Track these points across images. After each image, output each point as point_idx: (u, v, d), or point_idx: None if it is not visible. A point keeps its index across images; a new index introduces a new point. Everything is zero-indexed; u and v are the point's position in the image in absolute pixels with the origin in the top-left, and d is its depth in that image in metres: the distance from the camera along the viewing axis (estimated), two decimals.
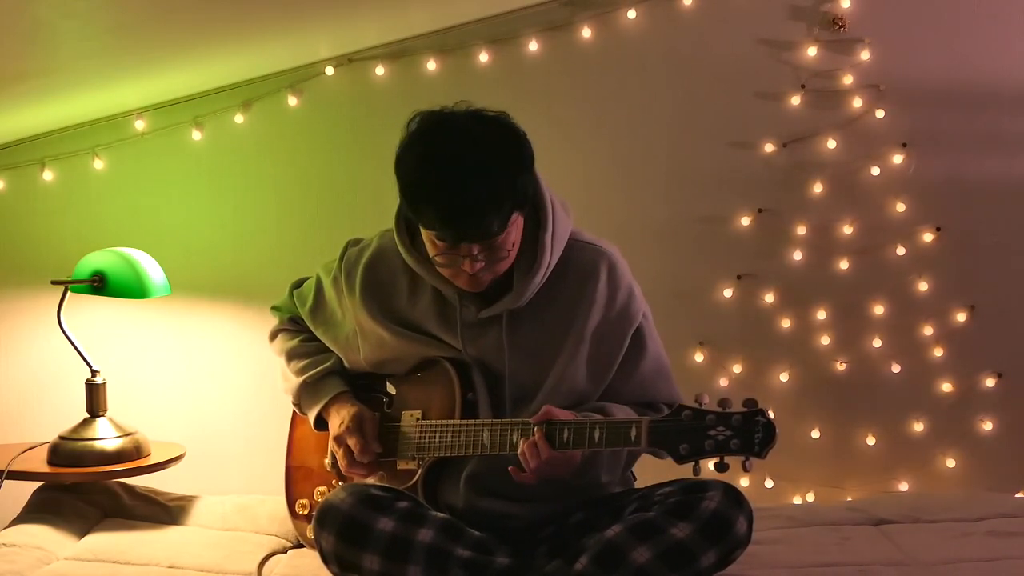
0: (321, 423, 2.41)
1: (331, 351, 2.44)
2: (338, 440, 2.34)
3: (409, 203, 2.11)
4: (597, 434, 2.07)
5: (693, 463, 2.00)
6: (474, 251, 2.10)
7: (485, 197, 2.04)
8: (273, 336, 2.54)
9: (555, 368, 2.24)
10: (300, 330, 2.50)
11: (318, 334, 2.46)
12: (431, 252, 2.16)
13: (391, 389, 2.46)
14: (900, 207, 3.17)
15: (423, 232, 2.16)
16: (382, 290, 2.33)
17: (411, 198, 2.10)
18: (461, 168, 2.05)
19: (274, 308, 2.56)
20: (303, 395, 2.43)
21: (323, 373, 2.41)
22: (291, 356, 2.46)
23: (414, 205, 2.10)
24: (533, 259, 2.20)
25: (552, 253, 2.21)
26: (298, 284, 2.54)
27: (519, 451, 2.12)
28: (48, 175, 3.18)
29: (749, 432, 1.95)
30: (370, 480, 2.33)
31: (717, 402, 1.99)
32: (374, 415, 2.36)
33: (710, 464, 1.98)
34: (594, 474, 2.24)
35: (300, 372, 2.43)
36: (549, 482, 2.16)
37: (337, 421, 2.35)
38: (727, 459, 1.97)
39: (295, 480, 2.52)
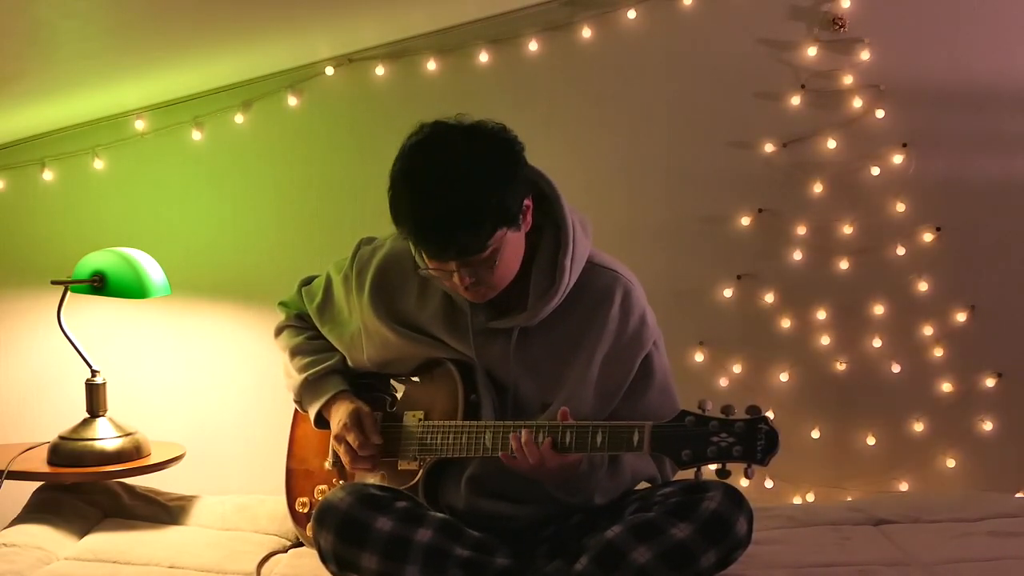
0: (321, 421, 2.41)
1: (335, 349, 2.44)
2: (338, 438, 2.34)
3: (392, 218, 2.11)
4: (600, 438, 2.07)
5: (695, 469, 2.00)
6: (456, 267, 2.10)
7: (457, 215, 2.04)
8: (278, 332, 2.54)
9: (562, 391, 2.23)
10: (306, 327, 2.50)
11: (324, 332, 2.46)
12: (424, 265, 2.17)
13: (395, 389, 2.46)
14: (900, 207, 3.17)
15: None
16: (392, 292, 2.32)
17: (392, 214, 2.10)
18: (434, 186, 2.05)
19: (281, 304, 2.56)
20: (304, 392, 2.43)
21: (325, 371, 2.41)
22: (295, 353, 2.46)
23: (395, 221, 2.11)
24: (551, 281, 2.19)
25: (571, 276, 2.20)
26: (307, 281, 2.54)
27: (513, 448, 2.13)
28: (48, 175, 3.18)
29: (752, 439, 1.95)
30: (371, 479, 2.33)
31: (720, 408, 1.99)
32: (372, 411, 2.36)
33: (711, 469, 1.99)
34: (587, 494, 2.24)
35: (303, 369, 2.43)
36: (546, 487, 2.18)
37: (336, 420, 2.35)
38: (729, 466, 1.97)
39: (296, 479, 2.52)
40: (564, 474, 2.16)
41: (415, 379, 2.39)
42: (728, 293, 3.19)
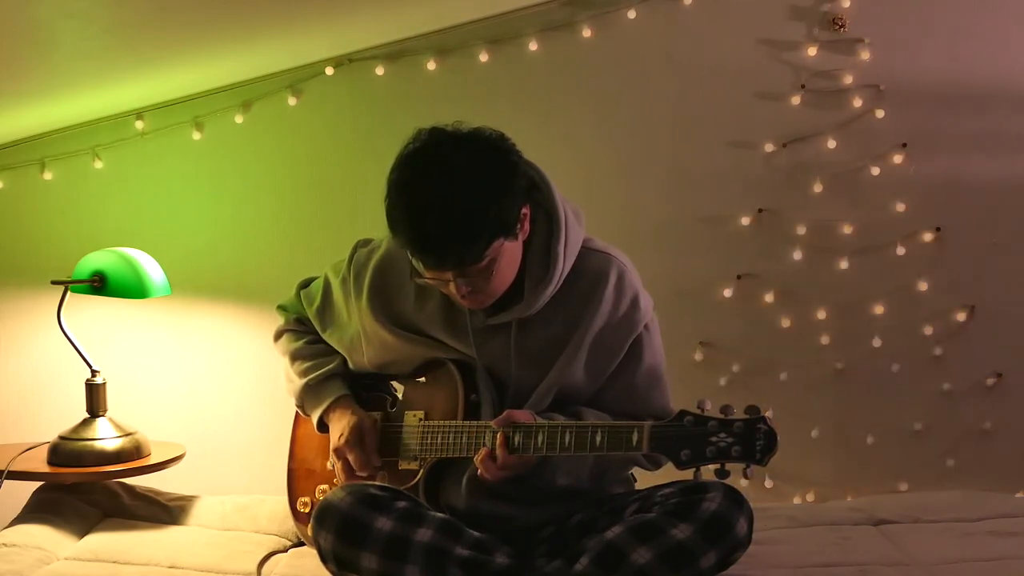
0: (323, 426, 2.42)
1: (335, 353, 2.45)
2: (338, 453, 2.35)
3: (389, 228, 2.12)
4: (599, 438, 2.07)
5: (694, 469, 2.00)
6: (453, 276, 2.11)
7: (453, 227, 2.04)
8: (278, 336, 2.54)
9: (553, 371, 2.24)
10: (305, 331, 2.51)
11: (324, 335, 2.46)
12: (421, 274, 2.17)
13: (395, 389, 2.46)
14: (900, 207, 3.17)
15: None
16: (389, 293, 2.33)
17: (389, 223, 2.11)
18: (430, 198, 2.05)
19: (280, 307, 2.57)
20: (306, 397, 2.43)
21: (326, 375, 2.41)
22: (295, 357, 2.47)
23: (391, 231, 2.11)
24: (545, 270, 2.19)
25: (564, 264, 2.20)
26: (305, 284, 2.54)
27: (480, 457, 2.15)
28: (48, 175, 3.18)
29: (751, 439, 1.95)
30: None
31: (719, 408, 1.99)
32: (374, 424, 2.36)
33: (711, 469, 1.99)
34: (548, 477, 2.24)
35: (303, 374, 2.43)
36: (538, 486, 2.21)
37: (337, 432, 2.36)
38: (728, 466, 1.97)
39: (297, 478, 2.52)
40: (523, 468, 2.18)
41: (420, 379, 2.38)
42: (728, 293, 3.18)
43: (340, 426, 2.35)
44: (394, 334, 2.31)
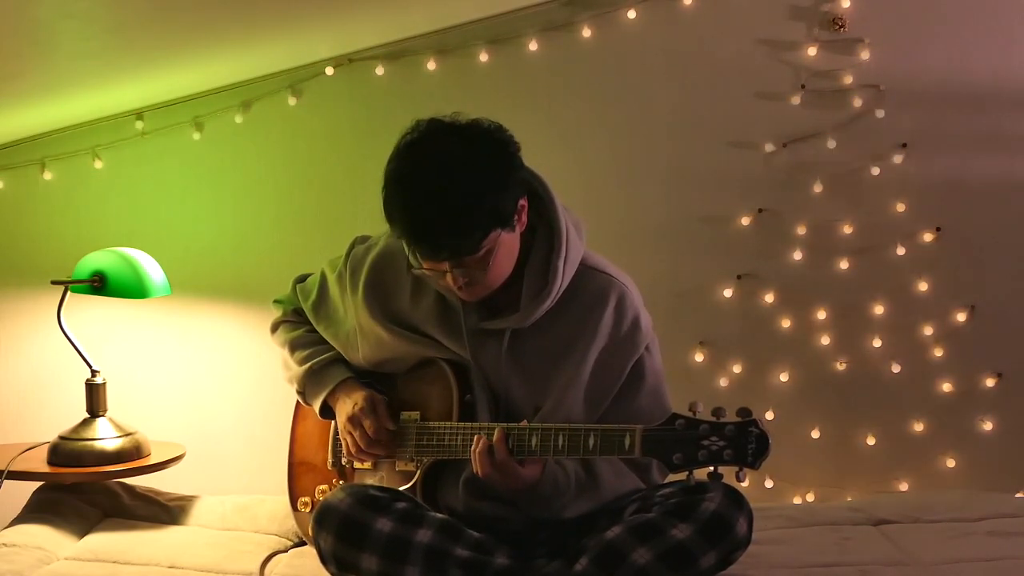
0: (326, 411, 2.41)
1: None
2: (353, 421, 2.32)
3: (386, 218, 2.12)
4: (592, 441, 2.07)
5: (687, 472, 1.99)
6: (450, 267, 2.11)
7: (450, 218, 2.04)
8: (275, 328, 2.54)
9: (552, 394, 2.23)
10: (302, 322, 2.50)
11: (319, 330, 2.45)
12: (418, 265, 2.17)
13: (390, 389, 2.45)
14: (900, 207, 3.17)
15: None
16: (385, 290, 2.33)
17: (386, 214, 2.11)
18: (427, 189, 2.06)
19: (276, 301, 2.56)
20: (308, 383, 2.42)
21: (328, 360, 2.41)
22: (295, 346, 2.46)
23: (388, 221, 2.11)
24: (544, 283, 2.19)
25: (564, 278, 2.20)
26: (302, 279, 2.54)
27: (473, 450, 2.14)
28: (48, 175, 3.19)
29: (742, 442, 1.95)
30: (370, 480, 2.33)
31: (711, 411, 1.98)
32: (384, 397, 2.36)
33: (704, 472, 1.99)
34: (556, 508, 2.23)
35: (304, 360, 2.42)
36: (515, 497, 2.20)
37: (349, 403, 2.34)
38: (721, 468, 1.97)
39: (297, 477, 2.51)
40: (517, 484, 2.15)
41: (416, 375, 2.37)
42: (728, 293, 3.19)
43: (351, 400, 2.34)
44: (389, 331, 2.31)
